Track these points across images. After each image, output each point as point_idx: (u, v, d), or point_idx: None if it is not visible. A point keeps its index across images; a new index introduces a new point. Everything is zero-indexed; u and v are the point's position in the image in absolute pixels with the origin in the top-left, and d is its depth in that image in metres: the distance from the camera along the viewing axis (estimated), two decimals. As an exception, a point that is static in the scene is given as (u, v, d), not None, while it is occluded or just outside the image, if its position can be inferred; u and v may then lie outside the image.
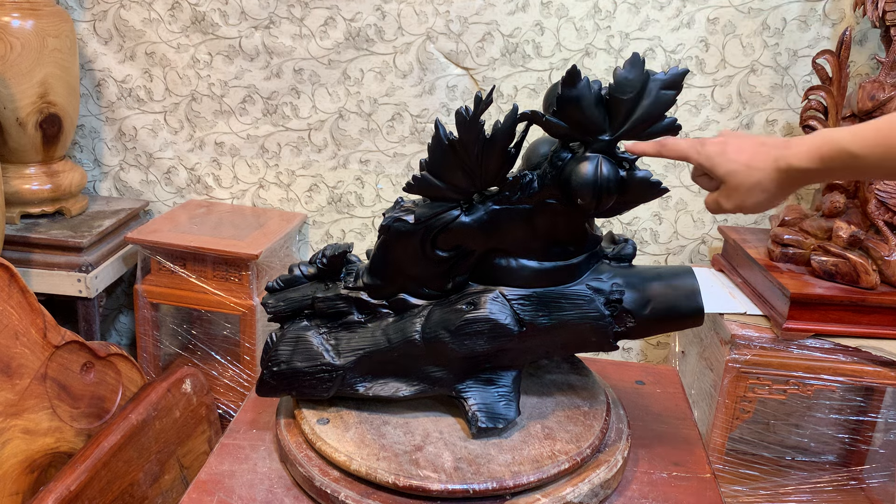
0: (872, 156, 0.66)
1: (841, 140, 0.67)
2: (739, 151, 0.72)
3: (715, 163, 0.73)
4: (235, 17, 1.88)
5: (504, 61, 1.83)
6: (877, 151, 0.65)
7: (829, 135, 0.68)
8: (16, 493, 1.16)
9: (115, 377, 1.36)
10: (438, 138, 0.77)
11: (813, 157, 0.68)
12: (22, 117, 1.74)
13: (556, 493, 0.80)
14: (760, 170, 0.71)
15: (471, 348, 0.83)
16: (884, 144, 0.65)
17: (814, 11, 1.71)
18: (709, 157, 0.74)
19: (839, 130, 0.68)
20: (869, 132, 0.66)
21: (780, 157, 0.70)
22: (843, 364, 1.46)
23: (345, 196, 2.00)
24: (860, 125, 0.67)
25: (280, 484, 0.84)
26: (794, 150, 0.69)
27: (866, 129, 0.66)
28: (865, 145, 0.66)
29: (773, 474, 1.70)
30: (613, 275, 0.86)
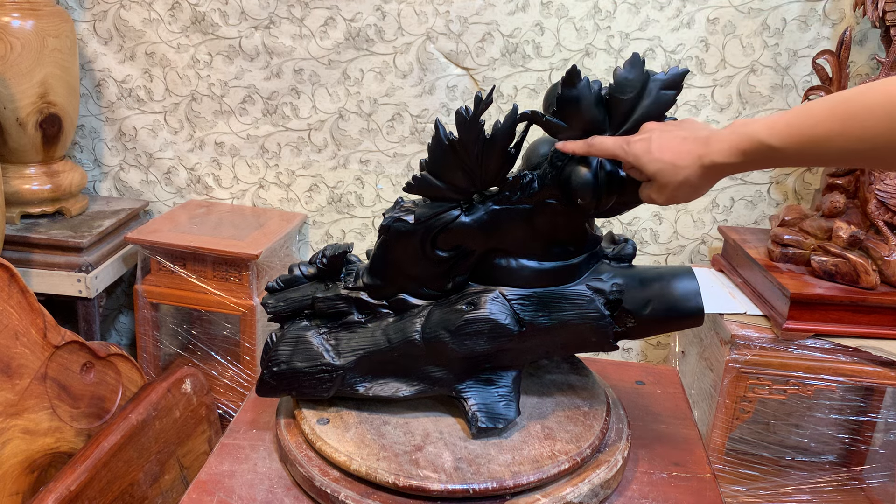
0: (790, 148, 0.67)
1: (758, 134, 0.68)
2: (663, 150, 0.73)
3: (642, 162, 0.75)
4: (235, 17, 1.88)
5: (504, 61, 1.83)
6: (792, 144, 0.67)
7: (747, 130, 0.70)
8: (16, 493, 1.16)
9: (115, 377, 1.36)
10: (438, 138, 0.77)
11: (734, 152, 0.70)
12: (22, 117, 1.74)
13: (556, 493, 0.80)
14: (686, 167, 0.73)
15: (471, 348, 0.83)
16: (797, 136, 0.66)
17: (814, 11, 1.71)
18: (636, 157, 0.75)
19: (757, 122, 0.69)
20: (782, 126, 0.67)
21: (704, 155, 0.72)
22: (843, 364, 1.46)
23: (345, 196, 2.00)
24: (776, 117, 0.68)
25: (280, 484, 0.84)
26: (716, 146, 0.71)
27: (780, 122, 0.68)
28: (781, 138, 0.67)
29: (773, 474, 1.70)
30: (613, 275, 0.86)
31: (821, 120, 0.65)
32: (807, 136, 0.66)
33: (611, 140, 0.77)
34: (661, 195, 0.76)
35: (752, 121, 0.70)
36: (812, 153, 0.66)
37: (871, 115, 0.62)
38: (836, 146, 0.64)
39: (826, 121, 0.64)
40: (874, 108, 0.61)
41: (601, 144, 0.77)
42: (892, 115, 0.60)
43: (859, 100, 0.63)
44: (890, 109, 0.61)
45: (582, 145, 0.78)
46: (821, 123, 0.65)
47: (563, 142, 0.80)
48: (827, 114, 0.65)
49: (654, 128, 0.76)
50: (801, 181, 1.84)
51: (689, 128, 0.75)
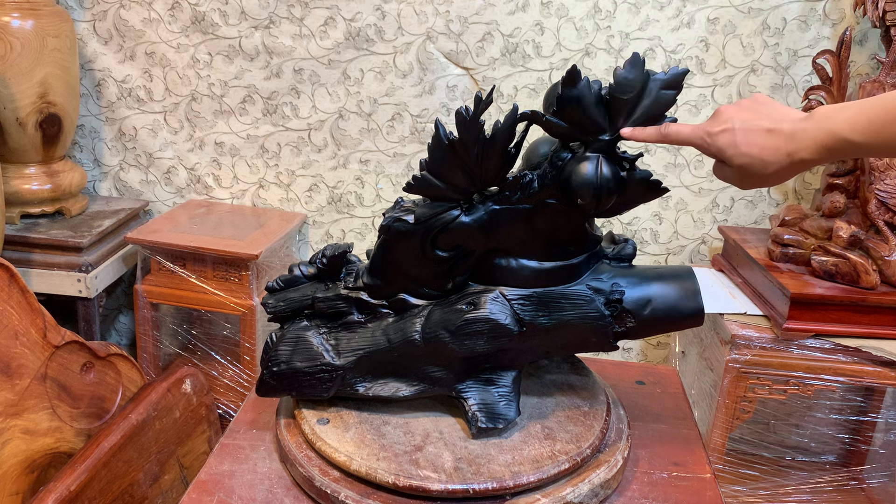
0: (872, 143, 0.68)
1: (841, 132, 0.69)
2: (750, 145, 0.74)
3: (728, 155, 0.75)
4: (235, 17, 1.88)
5: (504, 61, 1.83)
6: (875, 140, 0.68)
7: (830, 126, 0.70)
8: (16, 493, 1.16)
9: (115, 377, 1.36)
10: (438, 138, 0.77)
11: (820, 150, 0.71)
12: (22, 117, 1.74)
13: (556, 493, 0.80)
14: (775, 163, 0.73)
15: (471, 348, 0.83)
16: (881, 133, 0.67)
17: (814, 11, 1.71)
18: (720, 150, 0.76)
19: (838, 118, 0.70)
20: (864, 123, 0.68)
21: (793, 153, 0.72)
22: (843, 364, 1.46)
23: (345, 196, 2.00)
24: (856, 112, 0.69)
25: (280, 484, 0.84)
26: (803, 143, 0.72)
27: (861, 118, 0.69)
28: (864, 135, 0.68)
29: (773, 474, 1.70)
30: (613, 275, 0.86)
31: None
32: (891, 133, 0.67)
33: (688, 129, 0.76)
34: (746, 184, 0.77)
35: (833, 114, 0.70)
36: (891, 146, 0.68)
37: None
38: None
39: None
40: None
41: (678, 133, 0.77)
42: None
43: None
44: None
45: (655, 133, 0.78)
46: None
47: (632, 128, 0.78)
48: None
49: (733, 115, 0.75)
50: (801, 181, 1.84)
51: (768, 114, 0.74)
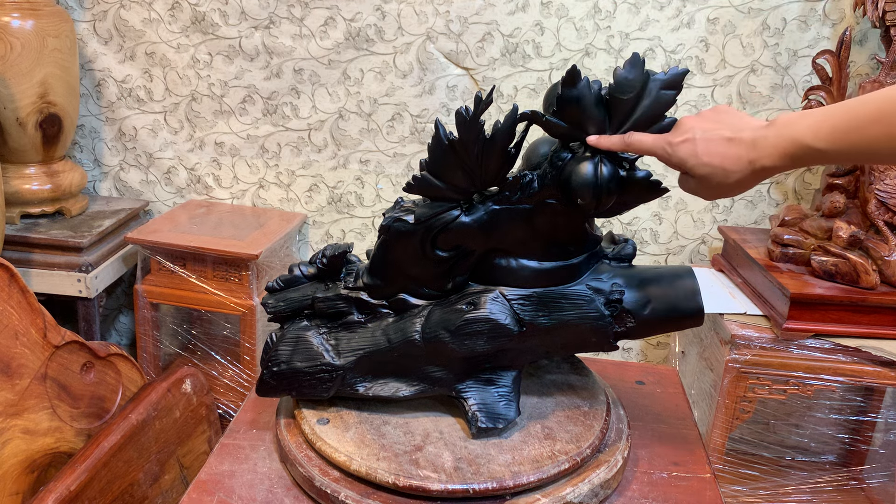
0: (836, 151, 0.68)
1: (804, 139, 0.69)
2: (711, 154, 0.73)
3: (689, 166, 0.75)
4: (235, 17, 1.88)
5: (504, 61, 1.83)
6: (839, 147, 0.67)
7: (792, 133, 0.70)
8: (16, 493, 1.16)
9: (115, 377, 1.36)
10: (438, 138, 0.77)
11: (782, 157, 0.70)
12: (22, 117, 1.74)
13: (556, 493, 0.80)
14: (737, 172, 0.73)
15: (471, 348, 0.83)
16: (844, 140, 0.67)
17: (814, 11, 1.71)
18: (681, 160, 0.75)
19: (801, 124, 0.69)
20: (827, 130, 0.67)
21: (755, 160, 0.72)
22: (843, 364, 1.46)
23: (345, 196, 2.00)
24: (820, 118, 0.68)
25: (280, 484, 0.84)
26: (765, 151, 0.71)
27: (825, 125, 0.68)
28: (827, 143, 0.68)
29: (773, 474, 1.70)
30: (613, 275, 0.86)
31: (868, 123, 0.65)
32: (854, 141, 0.66)
33: (650, 138, 0.76)
34: (709, 194, 0.77)
35: (796, 121, 0.70)
36: (859, 155, 0.67)
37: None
38: (886, 148, 0.65)
39: (874, 124, 0.64)
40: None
41: (640, 142, 0.76)
42: None
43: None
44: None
45: (618, 142, 0.78)
46: (868, 127, 0.65)
47: (598, 136, 0.79)
48: (874, 116, 0.64)
49: (694, 125, 0.75)
50: (801, 181, 1.84)
51: (729, 124, 0.74)
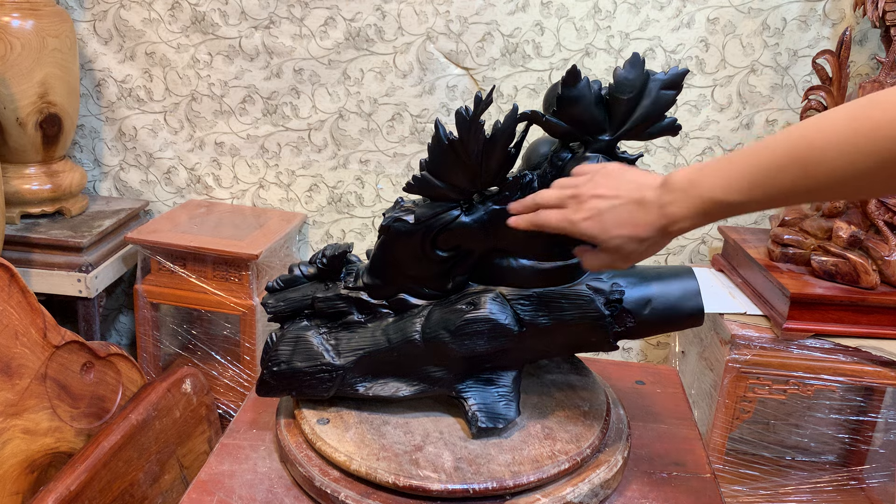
0: (751, 200, 0.65)
1: (715, 195, 0.66)
2: (621, 226, 0.71)
3: (599, 241, 0.73)
4: (235, 17, 1.88)
5: (504, 61, 1.83)
6: (752, 196, 0.65)
7: (702, 193, 0.67)
8: (16, 493, 1.16)
9: (115, 377, 1.36)
10: (438, 138, 0.77)
11: (695, 217, 0.68)
12: (22, 117, 1.74)
13: (556, 493, 0.80)
14: (649, 238, 0.71)
15: (471, 348, 0.83)
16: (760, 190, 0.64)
17: (814, 11, 1.71)
18: (591, 237, 0.74)
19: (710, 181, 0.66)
20: (740, 183, 0.65)
21: (667, 226, 0.70)
22: (843, 364, 1.46)
23: (345, 196, 2.00)
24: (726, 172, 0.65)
25: (280, 484, 0.84)
26: (676, 214, 0.69)
27: (734, 177, 0.65)
28: (742, 194, 0.65)
29: (773, 474, 1.70)
30: (613, 275, 0.86)
31: (778, 169, 0.62)
32: (769, 188, 0.63)
33: (555, 217, 0.75)
34: (624, 264, 0.75)
35: (700, 179, 0.67)
36: (775, 201, 0.64)
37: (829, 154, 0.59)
38: (802, 189, 0.62)
39: (787, 168, 0.61)
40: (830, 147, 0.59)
41: (546, 220, 0.75)
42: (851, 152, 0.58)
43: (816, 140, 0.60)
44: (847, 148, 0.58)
45: (526, 222, 0.77)
46: (782, 172, 0.62)
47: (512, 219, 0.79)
48: (784, 161, 0.62)
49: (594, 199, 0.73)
50: (801, 181, 1.84)
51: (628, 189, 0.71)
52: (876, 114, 0.57)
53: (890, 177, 0.57)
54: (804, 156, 0.60)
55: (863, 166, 0.57)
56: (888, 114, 0.56)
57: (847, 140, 0.58)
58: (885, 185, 0.59)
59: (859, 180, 0.59)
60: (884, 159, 0.56)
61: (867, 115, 0.57)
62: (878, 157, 0.56)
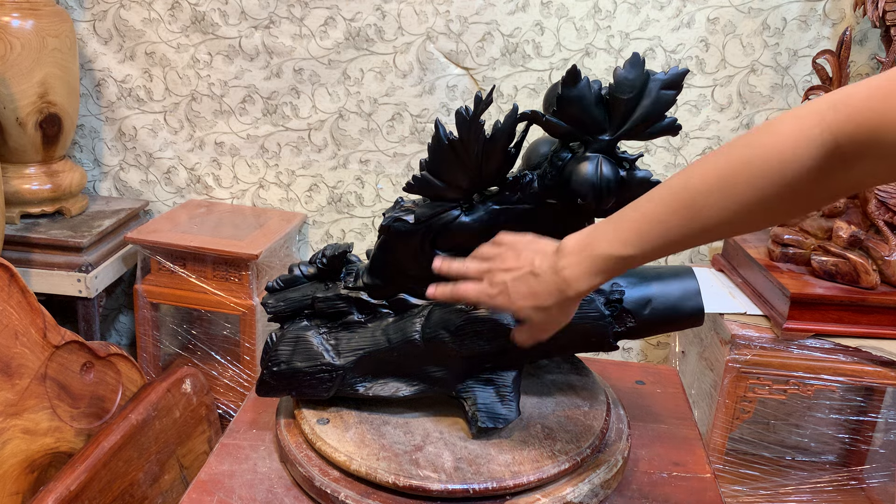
0: (646, 251, 0.67)
1: (612, 252, 0.68)
2: (525, 297, 0.73)
3: (512, 312, 0.76)
4: (235, 17, 1.88)
5: (504, 61, 1.83)
6: (649, 248, 0.66)
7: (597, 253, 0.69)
8: (16, 493, 1.16)
9: (115, 377, 1.36)
10: (438, 138, 0.77)
11: (593, 276, 0.70)
12: (22, 117, 1.74)
13: (556, 493, 0.80)
14: (552, 306, 0.73)
15: (471, 348, 0.83)
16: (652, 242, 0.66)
17: (814, 11, 1.71)
18: (504, 310, 0.77)
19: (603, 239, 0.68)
20: (633, 237, 0.67)
21: (565, 290, 0.71)
22: (843, 364, 1.46)
23: (345, 196, 2.00)
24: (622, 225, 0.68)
25: (280, 484, 0.84)
26: (572, 277, 0.70)
27: (627, 231, 0.67)
28: (636, 248, 0.67)
29: (773, 474, 1.70)
30: (613, 275, 0.86)
31: (668, 216, 0.64)
32: (658, 235, 0.65)
33: (473, 290, 0.76)
34: (542, 332, 0.77)
35: (597, 237, 0.69)
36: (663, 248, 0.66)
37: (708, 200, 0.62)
38: (694, 232, 0.64)
39: (674, 216, 0.64)
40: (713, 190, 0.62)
41: (465, 295, 0.77)
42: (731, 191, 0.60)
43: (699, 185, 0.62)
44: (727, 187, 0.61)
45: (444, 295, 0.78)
46: (670, 220, 0.64)
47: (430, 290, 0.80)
48: (673, 208, 0.64)
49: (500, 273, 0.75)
50: (801, 181, 1.84)
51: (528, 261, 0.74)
52: (746, 153, 0.60)
53: (769, 209, 0.61)
54: (689, 202, 0.63)
55: (744, 202, 0.60)
56: (757, 150, 0.59)
57: (726, 180, 0.61)
58: (769, 216, 0.62)
59: (744, 216, 0.61)
60: (761, 194, 0.59)
61: (739, 155, 0.61)
62: (755, 193, 0.60)
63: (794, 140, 0.57)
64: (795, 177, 0.58)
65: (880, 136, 0.53)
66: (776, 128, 0.59)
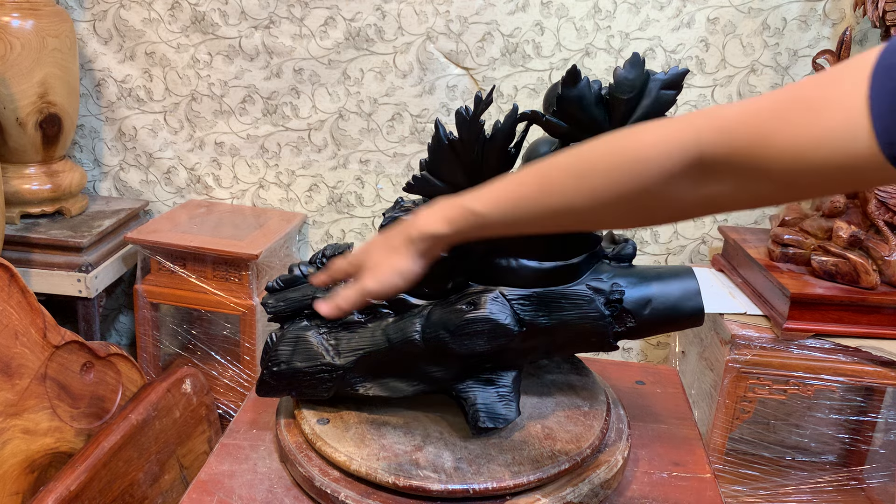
0: (494, 213, 0.67)
1: (466, 202, 0.69)
2: (375, 239, 0.76)
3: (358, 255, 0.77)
4: (235, 17, 1.88)
5: (504, 61, 1.83)
6: (497, 209, 0.67)
7: (456, 199, 0.70)
8: (16, 493, 1.16)
9: (115, 377, 1.36)
10: (438, 138, 0.77)
11: (440, 220, 0.70)
12: (22, 117, 1.74)
13: (556, 493, 0.80)
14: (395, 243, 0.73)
15: (471, 348, 0.83)
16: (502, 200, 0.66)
17: (814, 11, 1.71)
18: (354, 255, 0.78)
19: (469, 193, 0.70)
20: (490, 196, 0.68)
21: (409, 228, 0.72)
22: (843, 364, 1.46)
23: (345, 196, 2.00)
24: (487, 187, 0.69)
25: (280, 484, 0.84)
26: (421, 217, 0.71)
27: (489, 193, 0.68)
28: (484, 204, 0.67)
29: (773, 474, 1.70)
30: (613, 275, 0.86)
31: (525, 183, 0.65)
32: (511, 200, 0.66)
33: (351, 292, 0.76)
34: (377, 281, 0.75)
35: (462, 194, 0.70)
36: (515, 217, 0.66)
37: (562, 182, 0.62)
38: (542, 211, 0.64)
39: (530, 184, 0.65)
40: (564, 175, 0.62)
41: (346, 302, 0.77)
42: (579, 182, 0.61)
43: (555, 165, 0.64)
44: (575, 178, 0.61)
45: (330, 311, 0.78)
46: (524, 186, 0.65)
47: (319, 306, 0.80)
48: (531, 177, 0.65)
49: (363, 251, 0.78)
50: (801, 181, 1.84)
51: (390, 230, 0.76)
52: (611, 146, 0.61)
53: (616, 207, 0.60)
54: (545, 180, 0.64)
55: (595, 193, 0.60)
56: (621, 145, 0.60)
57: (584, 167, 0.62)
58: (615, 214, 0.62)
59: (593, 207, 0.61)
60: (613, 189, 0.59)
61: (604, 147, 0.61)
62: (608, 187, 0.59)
63: (660, 142, 0.56)
64: (651, 178, 0.57)
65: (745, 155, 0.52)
66: (647, 128, 0.59)
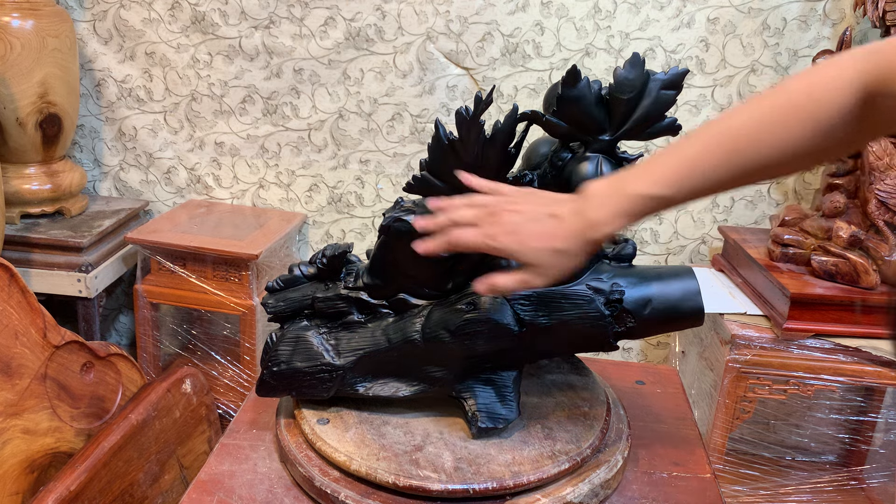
0: (681, 192, 0.66)
1: (644, 191, 0.66)
2: (540, 238, 0.69)
3: (518, 256, 0.70)
4: (235, 17, 1.88)
5: (504, 61, 1.83)
6: (683, 188, 0.66)
7: (628, 190, 0.67)
8: (16, 493, 1.16)
9: (115, 377, 1.36)
10: (438, 138, 0.77)
11: (621, 216, 0.67)
12: (22, 117, 1.74)
13: (556, 493, 0.80)
14: (570, 249, 0.69)
15: (471, 348, 0.83)
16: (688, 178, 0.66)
17: (814, 11, 1.71)
18: (510, 253, 0.70)
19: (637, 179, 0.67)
20: (669, 175, 0.66)
21: (587, 230, 0.68)
22: (843, 364, 1.46)
23: (345, 196, 2.00)
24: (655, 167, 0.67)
25: (280, 484, 0.84)
26: (598, 217, 0.68)
27: (665, 172, 0.66)
28: (670, 186, 0.66)
29: (773, 474, 1.70)
30: (613, 275, 0.86)
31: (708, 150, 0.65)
32: (697, 172, 0.65)
33: (471, 234, 0.71)
34: (544, 279, 0.71)
35: (628, 178, 0.68)
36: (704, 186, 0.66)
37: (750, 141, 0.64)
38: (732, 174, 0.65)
39: (714, 150, 0.65)
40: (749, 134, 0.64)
41: (461, 239, 0.72)
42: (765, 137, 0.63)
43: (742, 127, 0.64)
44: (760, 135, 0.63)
45: (438, 246, 0.73)
46: (708, 153, 0.65)
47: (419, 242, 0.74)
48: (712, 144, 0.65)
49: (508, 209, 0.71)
50: (801, 181, 1.84)
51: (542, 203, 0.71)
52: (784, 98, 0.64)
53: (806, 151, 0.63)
54: (731, 144, 0.65)
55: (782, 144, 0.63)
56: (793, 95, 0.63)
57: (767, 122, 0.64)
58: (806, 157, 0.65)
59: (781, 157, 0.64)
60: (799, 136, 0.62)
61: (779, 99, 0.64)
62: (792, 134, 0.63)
63: (832, 82, 0.61)
64: (831, 117, 0.61)
65: None
66: (817, 71, 0.63)
